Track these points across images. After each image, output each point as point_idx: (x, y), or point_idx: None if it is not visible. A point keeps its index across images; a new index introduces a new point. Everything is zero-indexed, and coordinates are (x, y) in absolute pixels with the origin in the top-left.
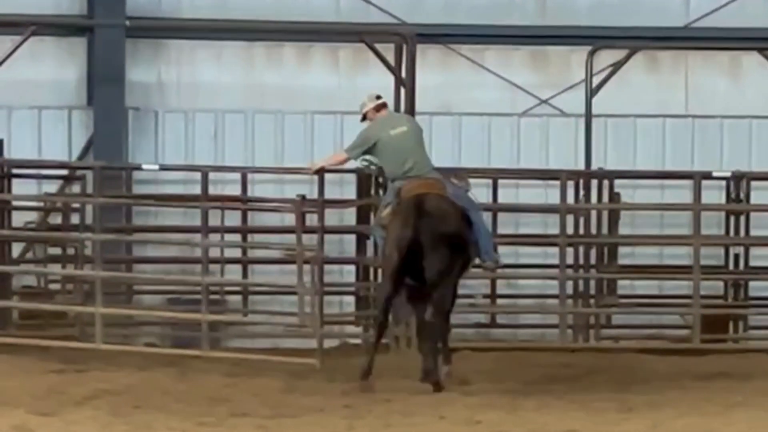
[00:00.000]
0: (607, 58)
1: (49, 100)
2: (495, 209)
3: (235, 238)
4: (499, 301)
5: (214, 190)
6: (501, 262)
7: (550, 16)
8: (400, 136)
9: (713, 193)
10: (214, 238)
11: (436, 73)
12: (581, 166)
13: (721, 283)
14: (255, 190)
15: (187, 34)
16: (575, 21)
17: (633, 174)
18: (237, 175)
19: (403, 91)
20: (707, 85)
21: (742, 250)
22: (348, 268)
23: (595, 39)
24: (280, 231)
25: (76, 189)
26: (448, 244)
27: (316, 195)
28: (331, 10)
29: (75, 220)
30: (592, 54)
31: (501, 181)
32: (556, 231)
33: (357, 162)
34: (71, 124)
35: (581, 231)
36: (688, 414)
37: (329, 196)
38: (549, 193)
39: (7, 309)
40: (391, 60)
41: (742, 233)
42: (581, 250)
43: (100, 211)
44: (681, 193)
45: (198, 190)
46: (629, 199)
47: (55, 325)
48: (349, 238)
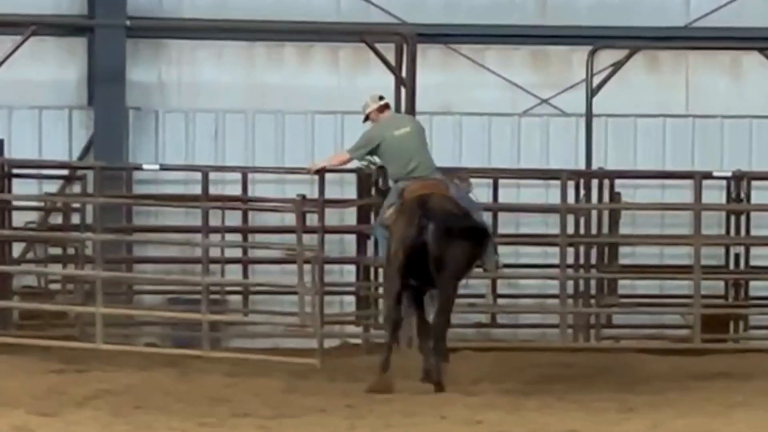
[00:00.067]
0: (607, 57)
1: (50, 100)
2: (495, 209)
3: (236, 238)
4: (499, 300)
5: (214, 190)
6: (501, 263)
7: (550, 16)
8: (403, 136)
9: (714, 193)
10: (215, 238)
11: (437, 72)
12: (582, 165)
13: (722, 283)
14: (255, 190)
15: (188, 34)
16: (576, 21)
17: (633, 174)
18: (237, 175)
19: (403, 90)
20: (708, 84)
21: (742, 250)
22: (348, 268)
23: (595, 39)
24: (281, 231)
25: (76, 189)
26: (453, 244)
27: (316, 195)
28: (332, 10)
29: (75, 220)
30: (592, 54)
31: (501, 181)
32: (556, 231)
33: (358, 162)
34: (72, 124)
35: (582, 231)
36: (689, 414)
37: (330, 195)
38: (549, 193)
39: (7, 309)
40: (391, 60)
41: (743, 233)
42: (582, 249)
43: (101, 211)
44: (681, 192)
45: (198, 190)
46: (630, 198)
47: (55, 325)
48: (349, 238)
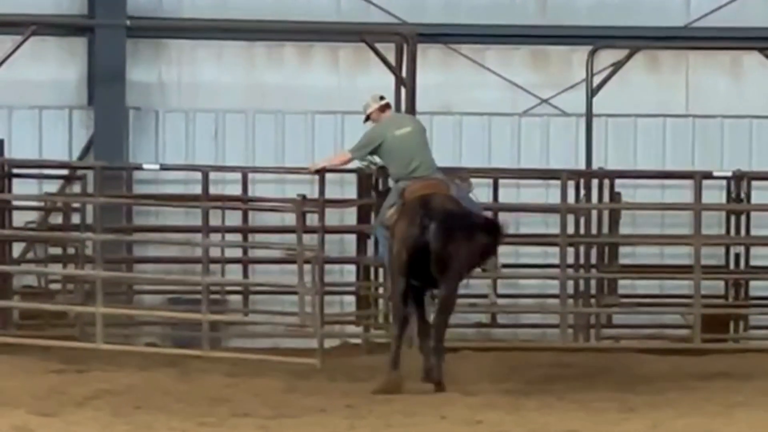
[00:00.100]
0: (607, 57)
1: (50, 100)
2: (496, 209)
3: (236, 237)
4: (499, 300)
5: (214, 190)
6: (500, 264)
7: (550, 16)
8: (405, 136)
9: (714, 193)
10: (215, 237)
11: (437, 72)
12: (582, 165)
13: (722, 283)
14: (255, 190)
15: (188, 33)
16: (576, 21)
17: (634, 174)
18: (238, 175)
19: (403, 90)
20: (708, 84)
21: (742, 250)
22: (348, 268)
23: (595, 39)
24: (281, 231)
25: (76, 189)
26: (455, 244)
27: (316, 195)
28: (332, 9)
29: (76, 219)
30: (592, 54)
31: (502, 181)
32: (556, 231)
33: (359, 162)
34: (72, 124)
35: (582, 231)
36: (689, 414)
37: (330, 195)
38: (550, 193)
39: (7, 309)
40: (391, 60)
41: (743, 233)
42: (582, 249)
43: (101, 211)
44: (682, 192)
45: (198, 189)
46: (630, 198)
47: (55, 325)
48: (349, 237)
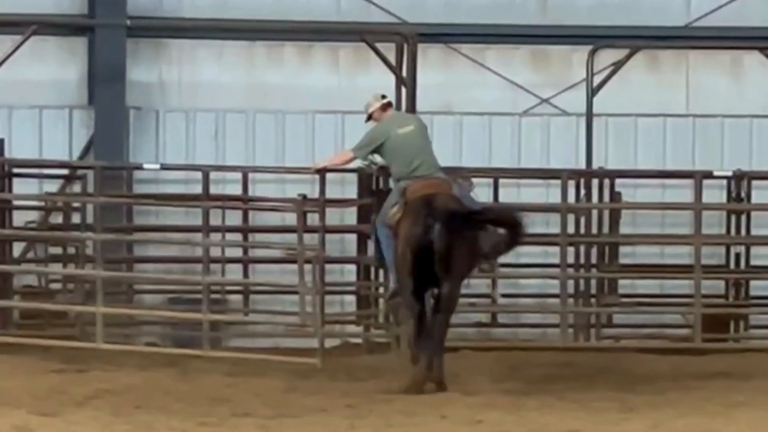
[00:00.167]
0: (608, 57)
1: (50, 100)
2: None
3: (236, 237)
4: (499, 300)
5: (215, 190)
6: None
7: (550, 16)
8: (407, 135)
9: (714, 193)
10: (215, 237)
11: (437, 72)
12: (582, 165)
13: (722, 283)
14: (256, 190)
15: (188, 33)
16: (576, 20)
17: (634, 173)
18: (238, 175)
19: (404, 90)
20: (708, 84)
21: (743, 250)
22: (349, 268)
23: (596, 38)
24: (281, 230)
25: (76, 188)
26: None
27: (317, 194)
28: (332, 9)
29: (76, 219)
30: (593, 53)
31: (502, 181)
32: (557, 230)
33: (360, 162)
34: (72, 124)
35: (582, 230)
36: (689, 414)
37: (330, 195)
38: (550, 193)
39: (8, 308)
40: (392, 59)
41: (743, 232)
42: (582, 249)
43: (101, 211)
44: (682, 192)
45: (199, 189)
46: (630, 198)
47: (55, 325)
48: (350, 237)
